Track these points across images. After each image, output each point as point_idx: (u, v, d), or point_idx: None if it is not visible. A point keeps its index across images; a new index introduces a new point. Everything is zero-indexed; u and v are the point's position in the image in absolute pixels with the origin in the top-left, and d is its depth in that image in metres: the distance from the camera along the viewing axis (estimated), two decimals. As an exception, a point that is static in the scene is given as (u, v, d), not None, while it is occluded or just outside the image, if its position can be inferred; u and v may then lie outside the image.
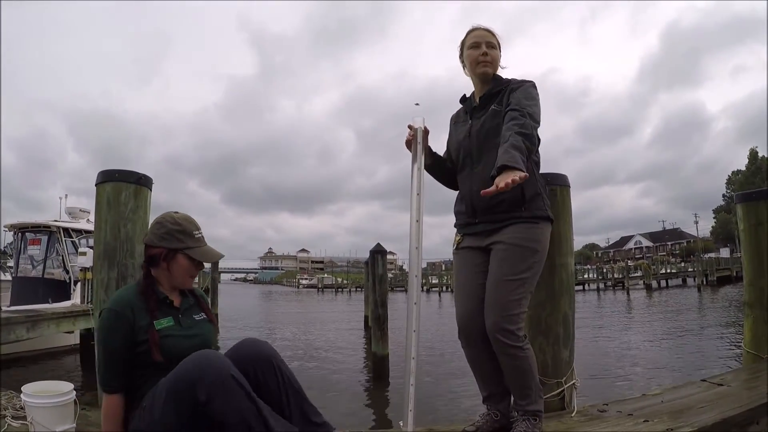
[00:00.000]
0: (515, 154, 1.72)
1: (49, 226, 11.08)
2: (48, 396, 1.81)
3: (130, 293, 1.71)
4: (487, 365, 2.01)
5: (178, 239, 1.75)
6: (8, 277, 12.52)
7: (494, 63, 2.10)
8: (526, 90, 2.00)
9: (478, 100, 2.14)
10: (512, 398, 2.01)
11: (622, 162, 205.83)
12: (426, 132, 2.03)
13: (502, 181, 1.63)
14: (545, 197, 2.03)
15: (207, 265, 2.13)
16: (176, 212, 1.82)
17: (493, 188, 1.66)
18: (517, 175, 1.64)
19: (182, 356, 1.54)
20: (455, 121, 2.25)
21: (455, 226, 2.19)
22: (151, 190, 2.52)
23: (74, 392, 1.87)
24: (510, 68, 2.17)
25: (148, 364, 1.63)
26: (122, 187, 2.40)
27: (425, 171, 2.09)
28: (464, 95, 2.24)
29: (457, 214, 2.17)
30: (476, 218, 2.05)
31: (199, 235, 1.79)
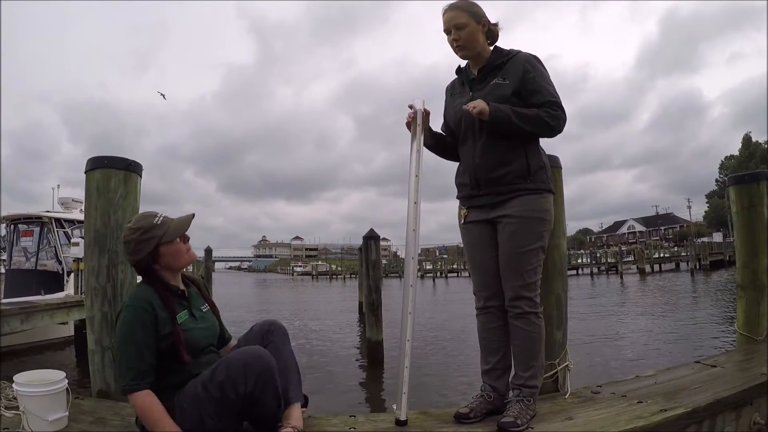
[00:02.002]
0: (508, 111, 1.90)
1: (41, 218, 10.97)
2: (40, 385, 1.79)
3: (146, 290, 1.74)
4: (495, 337, 2.06)
5: (148, 240, 1.77)
6: (1, 269, 12.44)
7: (469, 43, 2.05)
8: (544, 75, 2.02)
9: (476, 72, 2.11)
10: (513, 372, 2.03)
11: (618, 147, 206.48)
12: (426, 113, 2.02)
13: (474, 106, 1.89)
14: (548, 171, 2.05)
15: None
16: (129, 221, 1.87)
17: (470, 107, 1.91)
18: (477, 110, 1.87)
19: (200, 350, 1.70)
20: (451, 92, 2.23)
21: (458, 198, 2.19)
22: (140, 176, 2.49)
23: (66, 380, 1.85)
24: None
25: (168, 360, 1.68)
26: (111, 173, 2.38)
27: (427, 150, 2.10)
28: (459, 66, 2.21)
29: (459, 186, 2.17)
30: (480, 190, 2.05)
31: (160, 220, 1.81)
